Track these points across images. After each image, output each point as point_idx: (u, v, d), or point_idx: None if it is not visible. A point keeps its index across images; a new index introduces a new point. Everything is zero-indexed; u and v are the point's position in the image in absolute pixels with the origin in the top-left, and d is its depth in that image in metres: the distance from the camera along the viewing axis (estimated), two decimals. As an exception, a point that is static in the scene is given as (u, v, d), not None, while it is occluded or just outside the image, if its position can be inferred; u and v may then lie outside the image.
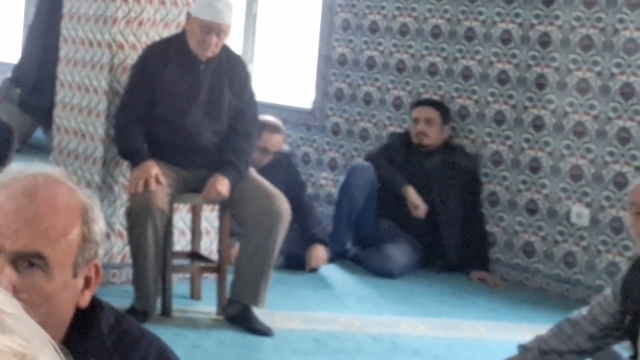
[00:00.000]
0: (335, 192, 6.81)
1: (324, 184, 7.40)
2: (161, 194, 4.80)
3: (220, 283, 5.03)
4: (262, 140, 5.99)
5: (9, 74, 8.52)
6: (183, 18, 5.34)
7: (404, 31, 6.99)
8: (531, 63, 6.25)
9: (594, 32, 5.95)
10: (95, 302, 1.66)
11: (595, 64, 5.93)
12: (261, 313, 4.92)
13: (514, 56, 6.35)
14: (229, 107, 5.01)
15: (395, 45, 7.04)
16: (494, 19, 6.46)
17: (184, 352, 4.05)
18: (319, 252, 6.11)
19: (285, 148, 6.43)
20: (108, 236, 5.29)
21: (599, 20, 5.93)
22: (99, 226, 1.64)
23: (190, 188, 5.00)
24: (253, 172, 5.09)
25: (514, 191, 6.31)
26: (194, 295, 5.28)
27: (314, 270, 6.09)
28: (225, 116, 5.01)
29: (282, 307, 5.27)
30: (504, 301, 5.80)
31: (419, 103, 6.61)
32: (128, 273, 5.19)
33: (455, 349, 4.91)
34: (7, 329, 0.75)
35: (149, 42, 5.28)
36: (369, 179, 6.36)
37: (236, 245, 5.31)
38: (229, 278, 5.00)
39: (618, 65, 5.84)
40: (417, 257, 6.29)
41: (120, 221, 5.26)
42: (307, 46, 8.15)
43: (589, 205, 5.92)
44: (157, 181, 4.80)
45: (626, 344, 3.47)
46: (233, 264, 5.07)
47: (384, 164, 6.40)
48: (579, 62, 6.01)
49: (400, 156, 6.44)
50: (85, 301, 1.64)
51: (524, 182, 6.26)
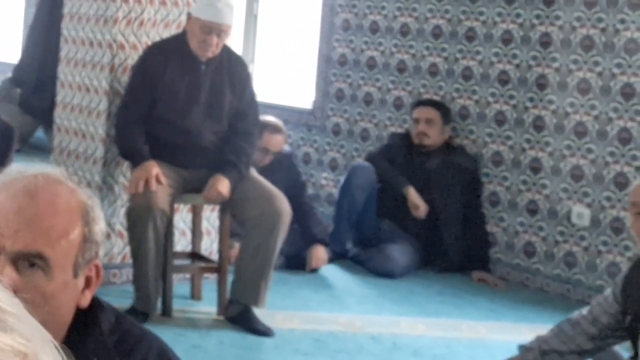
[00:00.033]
0: (335, 192, 6.81)
1: (325, 184, 7.39)
2: (162, 194, 4.80)
3: (221, 283, 5.03)
4: (263, 140, 5.99)
5: (9, 74, 8.51)
6: (184, 18, 5.34)
7: (404, 31, 6.99)
8: (532, 63, 6.24)
9: (594, 33, 5.95)
10: (95, 302, 1.67)
11: (596, 64, 5.93)
12: (261, 313, 4.92)
13: (514, 56, 6.34)
14: (229, 107, 5.01)
15: (395, 46, 7.03)
16: (495, 19, 6.46)
17: (184, 353, 4.05)
18: (320, 253, 6.11)
19: (286, 148, 6.43)
20: (108, 236, 5.29)
21: (599, 20, 5.93)
22: (100, 226, 1.64)
23: (190, 188, 4.99)
24: (254, 172, 5.09)
25: (515, 191, 6.30)
26: (195, 295, 5.28)
27: (314, 271, 6.09)
28: (226, 116, 5.01)
29: (283, 307, 5.27)
30: (505, 301, 5.80)
31: (419, 103, 6.61)
32: (128, 273, 5.19)
33: (455, 349, 4.91)
34: (8, 328, 0.75)
35: (149, 43, 5.28)
36: (370, 179, 6.36)
37: (236, 245, 5.32)
38: (230, 278, 5.00)
39: (619, 66, 5.83)
40: (417, 258, 6.29)
41: (120, 221, 5.26)
42: (307, 46, 8.15)
43: (589, 205, 5.92)
44: (158, 181, 4.79)
45: (627, 344, 3.47)
46: (233, 264, 5.07)
47: (385, 164, 6.40)
48: (579, 62, 6.01)
49: (400, 156, 6.43)
50: (85, 301, 1.64)
51: (524, 182, 6.26)
